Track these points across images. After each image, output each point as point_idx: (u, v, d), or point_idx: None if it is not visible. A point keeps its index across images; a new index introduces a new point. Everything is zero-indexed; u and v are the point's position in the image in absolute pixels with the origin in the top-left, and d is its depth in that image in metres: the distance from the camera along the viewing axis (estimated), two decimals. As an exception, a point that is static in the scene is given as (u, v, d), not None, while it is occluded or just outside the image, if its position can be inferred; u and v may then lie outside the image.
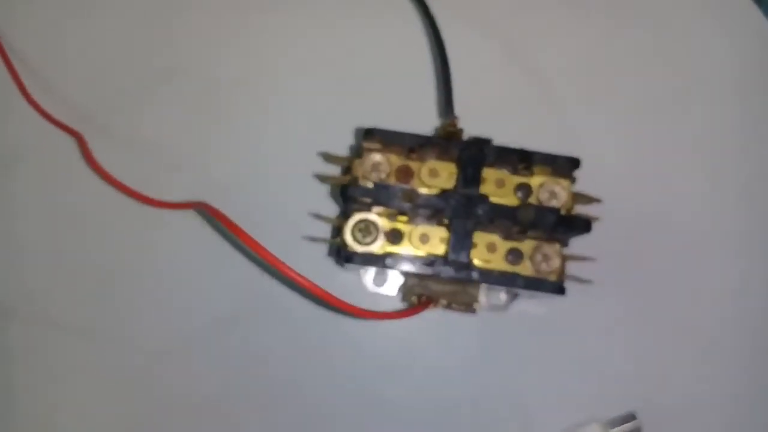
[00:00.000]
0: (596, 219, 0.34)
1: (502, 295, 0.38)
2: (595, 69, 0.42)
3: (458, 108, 0.34)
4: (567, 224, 0.32)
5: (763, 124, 0.42)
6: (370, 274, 0.38)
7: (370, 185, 0.33)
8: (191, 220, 0.39)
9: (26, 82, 0.40)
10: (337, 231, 0.34)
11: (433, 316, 0.38)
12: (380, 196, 0.32)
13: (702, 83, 0.42)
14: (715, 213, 0.40)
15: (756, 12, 0.43)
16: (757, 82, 0.42)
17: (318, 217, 0.36)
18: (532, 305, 0.38)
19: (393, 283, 0.38)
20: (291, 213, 0.38)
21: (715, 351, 0.39)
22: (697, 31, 0.43)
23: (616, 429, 0.37)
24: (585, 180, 0.34)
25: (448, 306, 0.35)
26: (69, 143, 0.40)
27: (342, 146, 0.39)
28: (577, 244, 0.34)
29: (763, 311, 0.39)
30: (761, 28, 0.43)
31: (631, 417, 0.37)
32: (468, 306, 0.36)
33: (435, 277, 0.33)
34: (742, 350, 0.39)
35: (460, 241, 0.32)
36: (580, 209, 0.34)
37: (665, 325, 0.39)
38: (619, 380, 0.38)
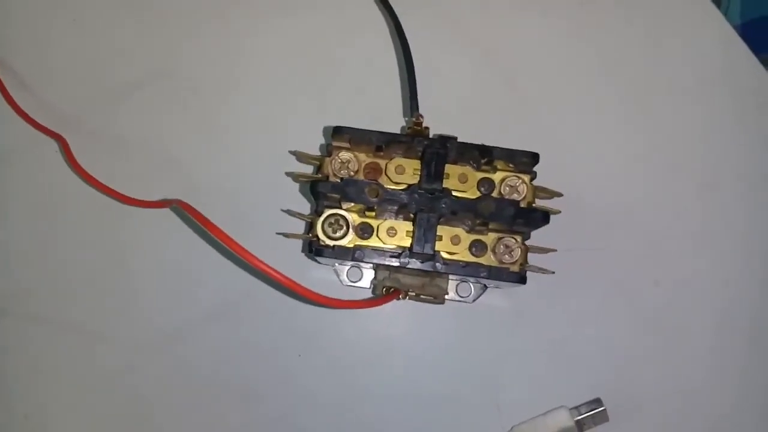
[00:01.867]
0: (557, 212, 0.35)
1: (471, 287, 0.39)
2: (559, 68, 0.43)
3: (428, 108, 0.35)
4: (526, 216, 0.33)
5: (723, 121, 0.43)
6: (345, 268, 0.40)
7: (337, 181, 0.34)
8: (171, 218, 0.40)
9: (8, 86, 0.41)
10: (310, 227, 0.36)
11: (407, 309, 0.39)
12: (347, 191, 0.33)
13: (663, 82, 0.43)
14: (675, 205, 0.42)
15: (716, 13, 0.45)
16: (717, 80, 0.44)
17: (291, 213, 0.38)
18: (500, 297, 0.40)
19: (367, 277, 0.39)
20: (266, 211, 0.40)
21: (678, 339, 0.40)
22: (658, 31, 0.44)
23: (583, 414, 0.38)
24: (550, 175, 0.35)
25: (417, 297, 0.37)
26: (52, 146, 0.41)
27: (315, 145, 0.41)
28: (541, 237, 0.36)
29: (724, 300, 0.41)
30: (721, 29, 0.45)
31: (597, 403, 0.39)
32: (436, 297, 0.37)
33: (402, 269, 0.34)
34: (705, 338, 0.40)
35: (425, 234, 0.33)
36: (544, 203, 0.36)
37: (628, 313, 0.40)
38: (584, 368, 0.40)
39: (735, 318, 0.41)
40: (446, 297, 0.38)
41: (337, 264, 0.39)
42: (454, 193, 0.34)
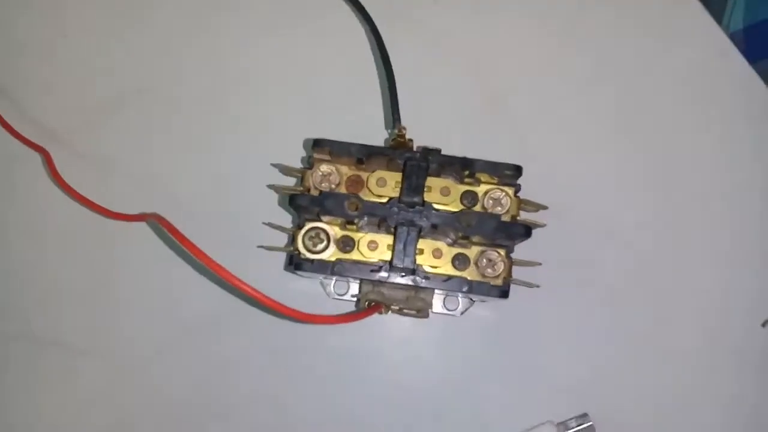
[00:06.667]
0: (542, 225, 0.35)
1: (459, 300, 0.39)
2: (544, 79, 0.43)
3: (414, 122, 0.35)
4: (507, 230, 0.33)
5: (715, 132, 0.42)
6: (331, 281, 0.39)
7: (316, 194, 0.34)
8: (152, 232, 0.40)
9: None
10: (292, 240, 0.35)
11: (394, 322, 0.39)
12: (326, 204, 0.33)
13: (651, 92, 0.43)
14: (660, 219, 0.41)
15: (709, 20, 0.44)
16: (711, 91, 0.43)
17: (272, 226, 0.37)
18: (486, 310, 0.39)
19: (354, 290, 0.39)
20: (248, 223, 0.39)
21: (663, 352, 0.40)
22: (647, 40, 0.44)
23: (570, 429, 0.38)
24: (538, 187, 0.35)
25: (400, 311, 0.36)
26: (35, 159, 0.41)
27: (299, 158, 0.40)
28: (529, 250, 0.35)
29: (714, 317, 0.40)
30: (714, 36, 0.44)
31: (584, 418, 0.38)
32: (420, 311, 0.37)
33: (385, 283, 0.34)
34: (689, 351, 0.40)
35: (405, 248, 0.33)
36: (529, 216, 0.35)
37: (614, 327, 0.40)
38: (571, 382, 0.39)
39: (726, 335, 0.40)
40: (433, 311, 0.37)
41: (322, 277, 0.39)
42: (435, 207, 0.33)
